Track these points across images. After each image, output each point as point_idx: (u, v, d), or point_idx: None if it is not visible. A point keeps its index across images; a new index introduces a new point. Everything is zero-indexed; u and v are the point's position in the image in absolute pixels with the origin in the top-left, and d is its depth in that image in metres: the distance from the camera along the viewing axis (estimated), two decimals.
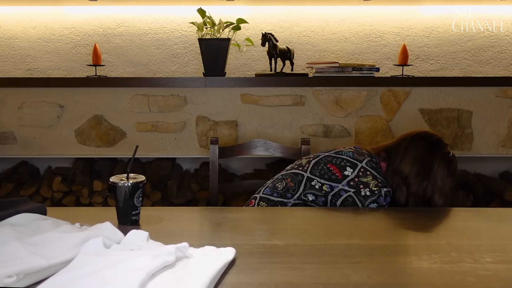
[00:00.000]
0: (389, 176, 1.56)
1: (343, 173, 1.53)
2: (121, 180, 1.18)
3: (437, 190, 1.55)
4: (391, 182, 1.55)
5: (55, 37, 2.93)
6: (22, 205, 1.15)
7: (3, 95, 2.63)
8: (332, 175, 1.53)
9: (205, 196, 2.65)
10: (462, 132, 2.71)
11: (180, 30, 2.93)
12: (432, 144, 1.59)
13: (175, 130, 2.66)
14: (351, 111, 2.67)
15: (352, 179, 1.52)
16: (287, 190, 1.55)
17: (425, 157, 1.56)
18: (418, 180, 1.53)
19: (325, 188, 1.52)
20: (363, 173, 1.53)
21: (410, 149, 1.58)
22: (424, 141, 1.60)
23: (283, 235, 1.15)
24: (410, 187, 1.53)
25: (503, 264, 0.97)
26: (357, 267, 0.94)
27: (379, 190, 1.50)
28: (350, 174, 1.53)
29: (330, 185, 1.52)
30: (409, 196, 1.53)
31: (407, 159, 1.56)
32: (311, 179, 1.54)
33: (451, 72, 2.98)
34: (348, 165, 1.55)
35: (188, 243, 0.96)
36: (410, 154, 1.57)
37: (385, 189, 1.51)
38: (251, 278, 0.90)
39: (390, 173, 1.57)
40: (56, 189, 2.65)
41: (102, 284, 0.80)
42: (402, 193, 1.54)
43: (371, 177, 1.52)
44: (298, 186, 1.54)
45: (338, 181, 1.52)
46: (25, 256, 0.89)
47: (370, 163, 1.56)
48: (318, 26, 2.95)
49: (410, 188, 1.53)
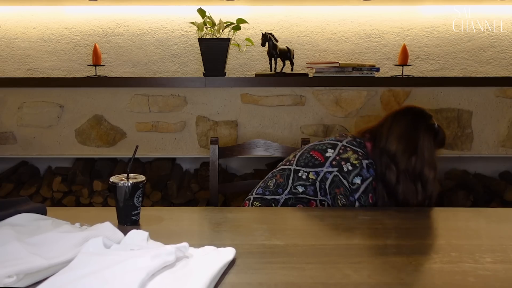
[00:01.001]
0: (377, 156, 1.57)
1: (325, 155, 1.55)
2: (121, 180, 1.18)
3: (426, 164, 1.54)
4: (379, 162, 1.55)
5: (55, 37, 2.93)
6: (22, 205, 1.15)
7: (3, 95, 2.63)
8: (315, 160, 1.55)
9: (205, 196, 2.65)
10: (462, 132, 2.71)
11: (180, 30, 2.93)
12: (415, 118, 1.59)
13: (175, 130, 2.66)
14: (351, 111, 2.67)
15: (334, 158, 1.54)
16: (278, 186, 1.57)
17: (409, 133, 1.56)
18: (405, 156, 1.53)
19: (311, 176, 1.54)
20: (343, 150, 1.54)
21: (394, 127, 1.58)
22: (407, 116, 1.60)
23: (283, 235, 1.15)
24: (399, 165, 1.53)
25: (503, 264, 0.97)
26: (357, 267, 0.94)
27: (360, 163, 1.51)
28: (331, 154, 1.55)
29: (315, 171, 1.53)
30: (399, 174, 1.53)
31: (392, 137, 1.56)
32: (297, 170, 1.56)
33: (451, 72, 2.98)
34: (329, 147, 1.57)
35: (188, 243, 0.96)
36: (394, 132, 1.57)
37: (367, 161, 1.52)
38: (251, 278, 0.90)
39: (377, 153, 1.57)
40: (56, 189, 2.65)
41: (102, 284, 0.80)
42: (392, 172, 1.53)
43: (351, 152, 1.53)
44: (287, 180, 1.56)
45: (322, 165, 1.53)
46: (25, 256, 0.89)
47: (351, 142, 1.58)
48: (318, 26, 2.95)
49: (399, 166, 1.53)
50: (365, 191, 1.51)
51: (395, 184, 1.53)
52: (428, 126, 1.57)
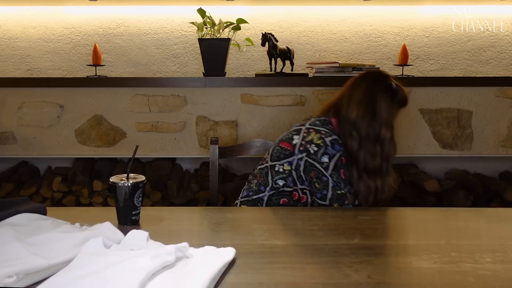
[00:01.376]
0: (341, 128, 1.57)
1: (292, 143, 1.56)
2: (121, 180, 1.18)
3: (383, 124, 1.54)
4: (343, 132, 1.56)
5: (55, 37, 2.93)
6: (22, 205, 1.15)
7: (3, 95, 2.63)
8: (285, 151, 1.56)
9: (205, 196, 2.65)
10: (462, 132, 2.71)
11: (180, 30, 2.93)
12: (371, 82, 1.59)
13: (175, 130, 2.66)
14: None
15: (300, 144, 1.54)
16: (260, 185, 1.59)
17: (367, 97, 1.56)
18: (365, 122, 1.53)
19: (286, 167, 1.55)
20: (307, 133, 1.55)
21: (352, 95, 1.58)
22: (364, 82, 1.60)
23: (283, 235, 1.15)
24: (360, 131, 1.53)
25: (503, 264, 0.97)
26: (357, 267, 0.94)
27: (323, 141, 1.51)
28: (297, 140, 1.55)
29: (289, 161, 1.55)
30: (361, 140, 1.53)
31: (351, 104, 1.57)
32: (273, 166, 1.57)
33: (451, 72, 2.98)
34: (294, 133, 1.58)
35: (188, 243, 0.96)
36: (353, 99, 1.57)
37: (330, 138, 1.52)
38: (251, 278, 0.90)
39: (340, 125, 1.58)
40: (56, 189, 2.65)
41: (102, 284, 0.80)
42: (354, 139, 1.54)
43: (314, 132, 1.54)
44: (266, 178, 1.58)
45: (292, 154, 1.55)
46: (25, 256, 0.89)
47: (314, 122, 1.58)
48: (318, 26, 2.95)
49: (361, 132, 1.53)
50: (335, 168, 1.51)
51: (357, 151, 1.54)
52: (386, 87, 1.57)
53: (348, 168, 1.54)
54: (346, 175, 1.53)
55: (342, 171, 1.52)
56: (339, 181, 1.51)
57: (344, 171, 1.52)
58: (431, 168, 2.89)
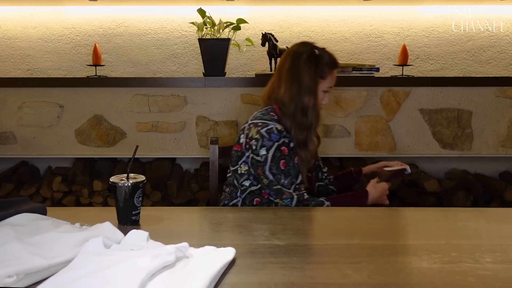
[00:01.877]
0: (281, 111, 1.58)
1: (240, 143, 1.58)
2: (121, 180, 1.18)
3: (306, 92, 1.55)
4: (281, 114, 1.57)
5: (55, 37, 2.93)
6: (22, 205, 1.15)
7: (3, 95, 2.63)
8: (238, 153, 1.59)
9: (205, 196, 2.65)
10: (462, 132, 2.71)
11: (180, 30, 2.93)
12: (293, 56, 1.60)
13: (175, 130, 2.66)
14: (351, 111, 2.67)
15: (245, 142, 1.56)
16: (232, 192, 1.61)
17: (292, 72, 1.58)
18: (292, 96, 1.55)
19: (244, 168, 1.57)
20: (248, 130, 1.56)
21: (281, 74, 1.60)
22: (288, 58, 1.61)
23: (283, 235, 1.15)
24: (289, 107, 1.55)
25: (503, 264, 0.97)
26: (357, 267, 0.94)
27: (259, 134, 1.52)
28: (243, 139, 1.58)
29: (244, 162, 1.56)
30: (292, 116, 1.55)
31: (280, 83, 1.59)
32: (235, 170, 1.60)
33: (451, 72, 2.98)
34: (241, 133, 1.60)
35: (188, 243, 0.96)
36: (281, 78, 1.59)
37: (266, 128, 1.51)
38: (251, 278, 0.90)
39: (280, 108, 1.59)
40: (56, 189, 2.65)
41: (102, 284, 0.80)
42: (287, 117, 1.55)
43: (253, 127, 1.55)
44: (234, 184, 1.60)
45: (243, 154, 1.57)
46: (25, 256, 0.89)
47: (256, 115, 1.59)
48: (318, 26, 2.95)
49: (290, 108, 1.55)
50: (274, 159, 1.50)
51: (290, 129, 1.55)
52: (308, 57, 1.57)
53: (293, 157, 1.53)
54: (287, 165, 1.51)
55: (282, 162, 1.50)
56: (278, 172, 1.50)
57: (285, 162, 1.50)
58: (431, 168, 2.90)
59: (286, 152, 1.52)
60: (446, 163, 2.88)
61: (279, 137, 1.51)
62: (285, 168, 1.51)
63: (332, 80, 1.60)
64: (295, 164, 1.52)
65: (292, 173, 1.51)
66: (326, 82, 1.58)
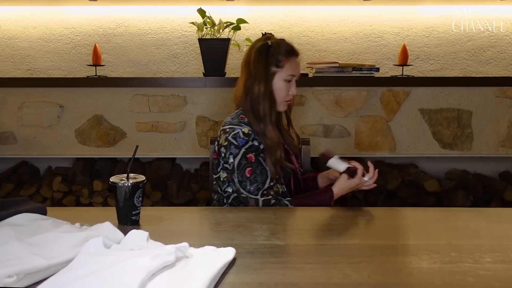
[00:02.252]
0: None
1: (215, 150, 1.59)
2: (121, 180, 1.18)
3: (256, 81, 1.55)
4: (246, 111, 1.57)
5: (55, 37, 2.93)
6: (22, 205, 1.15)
7: (3, 95, 2.63)
8: (216, 160, 1.59)
9: (205, 196, 2.65)
10: (462, 132, 2.71)
11: (180, 30, 2.93)
12: (248, 50, 1.62)
13: (175, 130, 2.66)
14: (351, 111, 2.67)
15: (218, 149, 1.56)
16: (219, 199, 1.60)
17: (245, 66, 1.59)
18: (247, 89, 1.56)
19: (223, 175, 1.56)
20: (219, 137, 1.56)
21: (241, 71, 1.61)
22: (245, 56, 1.62)
23: (283, 235, 1.15)
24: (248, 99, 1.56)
25: (503, 264, 0.97)
26: (357, 267, 0.94)
27: (227, 140, 1.51)
28: (217, 147, 1.58)
29: (222, 168, 1.56)
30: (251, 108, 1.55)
31: (239, 81, 1.61)
32: (217, 178, 1.59)
33: (451, 72, 2.98)
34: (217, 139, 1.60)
35: (188, 243, 0.96)
36: (240, 75, 1.61)
37: (232, 133, 1.51)
38: (251, 278, 0.90)
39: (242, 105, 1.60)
40: (56, 189, 2.65)
41: (102, 284, 0.80)
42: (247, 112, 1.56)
43: (222, 133, 1.55)
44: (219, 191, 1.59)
45: (220, 161, 1.56)
46: (25, 256, 0.89)
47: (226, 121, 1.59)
48: (318, 26, 2.95)
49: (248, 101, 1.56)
50: (239, 167, 1.50)
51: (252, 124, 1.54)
52: (258, 48, 1.58)
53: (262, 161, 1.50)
54: (255, 172, 1.49)
55: (248, 170, 1.49)
56: (244, 180, 1.49)
57: (251, 169, 1.49)
58: (431, 168, 2.90)
59: (253, 159, 1.50)
60: (446, 163, 2.89)
61: (245, 141, 1.50)
62: (251, 175, 1.49)
63: (292, 68, 1.57)
64: (263, 170, 1.50)
65: (259, 180, 1.49)
66: (284, 70, 1.56)
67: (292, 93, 1.59)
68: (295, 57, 1.60)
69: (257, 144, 1.52)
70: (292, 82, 1.58)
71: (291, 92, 1.58)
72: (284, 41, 1.61)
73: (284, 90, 1.57)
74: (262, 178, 1.50)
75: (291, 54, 1.58)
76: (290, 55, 1.58)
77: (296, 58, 1.60)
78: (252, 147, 1.51)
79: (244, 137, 1.50)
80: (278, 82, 1.56)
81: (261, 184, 1.49)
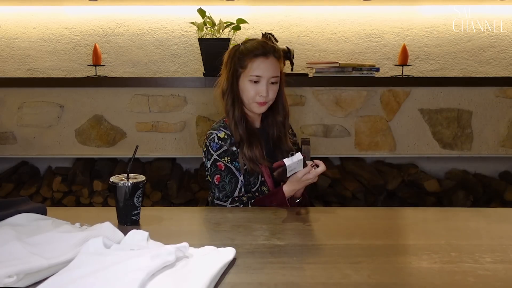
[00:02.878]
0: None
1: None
2: (121, 180, 1.18)
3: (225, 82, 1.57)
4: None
5: (55, 37, 2.93)
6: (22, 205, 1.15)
7: (3, 95, 2.63)
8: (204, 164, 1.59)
9: (205, 196, 2.65)
10: (462, 132, 2.71)
11: (180, 30, 2.93)
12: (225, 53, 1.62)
13: (175, 130, 2.66)
14: (351, 111, 2.67)
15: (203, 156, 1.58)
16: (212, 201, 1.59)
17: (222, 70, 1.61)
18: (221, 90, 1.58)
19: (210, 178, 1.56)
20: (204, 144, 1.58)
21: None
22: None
23: (283, 235, 1.15)
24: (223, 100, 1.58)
25: (503, 264, 0.97)
26: (357, 267, 0.94)
27: (205, 145, 1.55)
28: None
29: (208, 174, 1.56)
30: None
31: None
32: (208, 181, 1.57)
33: (451, 72, 2.98)
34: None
35: (188, 243, 0.96)
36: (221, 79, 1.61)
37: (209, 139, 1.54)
38: (251, 278, 0.90)
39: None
40: (56, 189, 2.65)
41: (102, 284, 0.80)
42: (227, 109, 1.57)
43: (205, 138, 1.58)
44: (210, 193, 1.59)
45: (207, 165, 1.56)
46: (25, 256, 0.89)
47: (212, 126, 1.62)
48: (318, 26, 2.95)
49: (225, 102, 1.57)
50: (211, 172, 1.52)
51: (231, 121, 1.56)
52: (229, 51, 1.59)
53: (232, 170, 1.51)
54: (223, 180, 1.50)
55: (216, 177, 1.51)
56: (213, 186, 1.52)
57: (219, 177, 1.50)
58: (431, 168, 2.90)
59: (222, 167, 1.51)
60: (446, 163, 2.88)
61: (219, 147, 1.52)
62: (219, 183, 1.51)
63: (257, 68, 1.52)
64: (232, 179, 1.51)
65: (227, 189, 1.50)
66: (247, 71, 1.53)
67: (261, 94, 1.52)
68: (264, 58, 1.53)
69: (235, 149, 1.53)
70: (260, 83, 1.53)
71: (260, 93, 1.52)
72: (255, 42, 1.57)
73: (250, 90, 1.53)
74: (231, 188, 1.51)
75: (257, 55, 1.53)
76: (256, 56, 1.53)
77: (265, 58, 1.53)
78: (227, 152, 1.52)
79: (218, 141, 1.53)
80: (242, 83, 1.55)
81: (230, 193, 1.51)
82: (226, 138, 1.53)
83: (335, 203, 2.68)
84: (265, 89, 1.52)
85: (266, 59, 1.53)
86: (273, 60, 1.55)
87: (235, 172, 1.51)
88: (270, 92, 1.54)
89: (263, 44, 1.56)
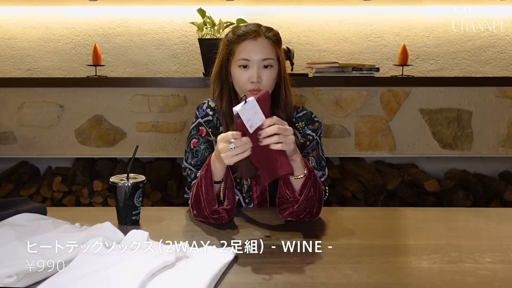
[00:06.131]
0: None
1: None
2: (121, 180, 1.18)
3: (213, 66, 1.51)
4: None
5: (55, 37, 2.93)
6: (22, 205, 1.15)
7: (3, 95, 2.63)
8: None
9: None
10: (462, 132, 2.71)
11: (180, 30, 2.93)
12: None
13: (175, 130, 2.66)
14: (351, 111, 2.67)
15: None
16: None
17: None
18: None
19: None
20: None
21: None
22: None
23: (284, 235, 1.15)
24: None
25: (503, 264, 0.97)
26: (357, 267, 0.94)
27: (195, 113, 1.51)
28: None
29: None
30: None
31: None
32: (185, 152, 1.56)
33: (451, 72, 2.98)
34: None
35: (188, 243, 0.96)
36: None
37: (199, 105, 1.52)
38: (251, 278, 0.90)
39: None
40: (56, 189, 2.65)
41: (102, 284, 0.80)
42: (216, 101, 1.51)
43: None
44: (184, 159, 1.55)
45: None
46: (25, 256, 0.89)
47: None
48: (318, 26, 2.95)
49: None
50: (188, 135, 1.51)
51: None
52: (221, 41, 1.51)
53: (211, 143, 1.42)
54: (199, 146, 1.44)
55: (193, 141, 1.46)
56: (188, 150, 1.47)
57: (196, 141, 1.45)
58: (431, 168, 2.90)
59: (204, 132, 1.43)
60: (446, 163, 2.88)
61: (204, 113, 1.48)
62: (194, 148, 1.44)
63: (243, 51, 1.37)
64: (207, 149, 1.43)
65: (199, 156, 1.43)
66: (235, 56, 1.40)
67: (252, 80, 1.34)
68: (251, 39, 1.37)
69: (216, 122, 1.45)
70: (250, 68, 1.36)
71: (251, 79, 1.34)
72: (243, 26, 1.43)
73: (241, 77, 1.37)
74: (203, 156, 1.42)
75: (244, 38, 1.37)
76: (243, 39, 1.37)
77: (253, 40, 1.37)
78: (210, 122, 1.46)
79: (205, 108, 1.49)
80: (233, 71, 1.42)
81: (201, 162, 1.41)
82: (215, 108, 1.48)
83: (335, 203, 2.68)
84: (255, 74, 1.34)
85: (254, 41, 1.37)
86: (263, 42, 1.38)
87: (213, 144, 1.40)
88: (263, 77, 1.35)
89: (250, 26, 1.41)
